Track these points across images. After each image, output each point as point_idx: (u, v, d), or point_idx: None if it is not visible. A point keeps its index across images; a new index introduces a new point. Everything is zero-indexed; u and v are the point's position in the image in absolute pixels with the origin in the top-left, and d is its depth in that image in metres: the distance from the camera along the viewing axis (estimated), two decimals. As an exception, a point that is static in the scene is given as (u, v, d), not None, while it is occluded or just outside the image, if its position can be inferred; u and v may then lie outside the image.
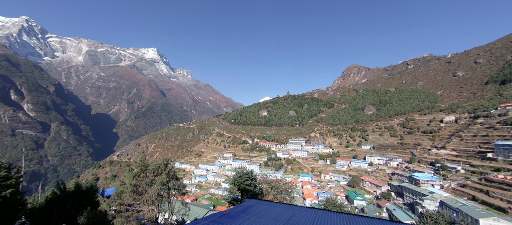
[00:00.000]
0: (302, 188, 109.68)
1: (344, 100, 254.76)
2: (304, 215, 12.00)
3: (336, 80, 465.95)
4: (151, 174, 21.18)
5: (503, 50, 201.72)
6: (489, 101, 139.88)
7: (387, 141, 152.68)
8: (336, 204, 27.14)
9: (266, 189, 33.64)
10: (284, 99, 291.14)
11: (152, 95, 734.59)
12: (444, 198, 69.14)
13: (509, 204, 62.39)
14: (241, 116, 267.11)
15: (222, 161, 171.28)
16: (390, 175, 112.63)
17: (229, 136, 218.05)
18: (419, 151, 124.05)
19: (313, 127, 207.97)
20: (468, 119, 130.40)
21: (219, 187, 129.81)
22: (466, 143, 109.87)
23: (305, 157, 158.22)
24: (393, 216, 68.28)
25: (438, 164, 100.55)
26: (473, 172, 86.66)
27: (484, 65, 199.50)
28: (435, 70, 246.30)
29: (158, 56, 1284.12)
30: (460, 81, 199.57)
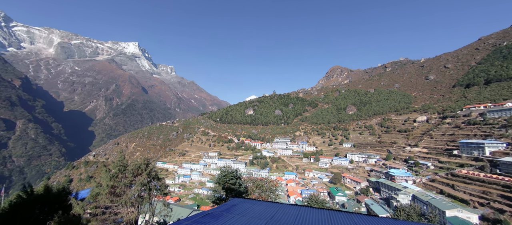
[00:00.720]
0: (287, 186, 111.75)
1: (327, 100, 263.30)
2: (287, 212, 12.22)
3: (320, 80, 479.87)
4: (131, 174, 20.23)
5: (468, 57, 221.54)
6: (455, 103, 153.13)
7: (367, 139, 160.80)
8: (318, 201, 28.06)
9: (251, 187, 33.76)
10: (270, 98, 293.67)
11: (133, 91, 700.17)
12: (416, 192, 74.56)
13: (471, 196, 68.98)
14: (227, 114, 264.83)
15: (207, 160, 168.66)
16: (369, 172, 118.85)
17: (214, 135, 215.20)
18: (395, 149, 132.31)
19: (298, 126, 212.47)
20: (437, 119, 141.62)
21: (203, 186, 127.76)
22: (435, 141, 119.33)
23: (290, 155, 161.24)
24: (371, 211, 72.21)
25: (411, 161, 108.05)
26: (441, 168, 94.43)
27: (452, 69, 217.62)
28: (410, 73, 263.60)
29: (139, 51, 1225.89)
30: (431, 84, 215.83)
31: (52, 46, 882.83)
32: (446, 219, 54.77)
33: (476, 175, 75.65)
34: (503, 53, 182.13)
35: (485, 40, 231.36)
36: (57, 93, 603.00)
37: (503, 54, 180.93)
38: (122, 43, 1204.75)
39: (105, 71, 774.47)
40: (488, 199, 64.26)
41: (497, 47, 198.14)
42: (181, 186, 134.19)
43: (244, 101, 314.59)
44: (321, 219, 11.18)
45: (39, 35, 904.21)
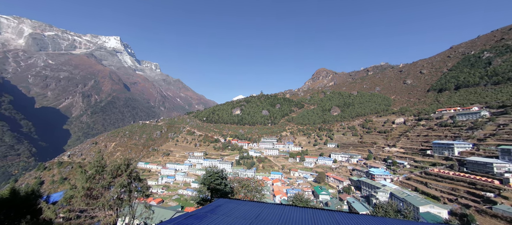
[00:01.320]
0: (273, 186, 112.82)
1: (313, 101, 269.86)
2: (272, 211, 12.33)
3: (307, 82, 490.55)
4: (109, 175, 19.21)
5: (441, 63, 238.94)
6: (429, 106, 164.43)
7: (349, 140, 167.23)
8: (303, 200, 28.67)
9: (237, 187, 33.60)
10: (258, 98, 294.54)
11: (114, 88, 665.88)
12: (394, 190, 78.95)
13: (441, 193, 74.47)
14: (214, 114, 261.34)
15: (192, 160, 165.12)
16: (351, 171, 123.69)
17: (200, 135, 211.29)
18: (375, 149, 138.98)
19: (285, 126, 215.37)
20: (413, 121, 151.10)
21: (188, 187, 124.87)
22: (411, 142, 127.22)
23: (276, 155, 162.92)
24: (352, 208, 75.20)
25: (389, 160, 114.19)
26: (416, 166, 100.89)
27: (426, 75, 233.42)
28: (389, 77, 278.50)
29: (121, 46, 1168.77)
30: (408, 88, 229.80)
31: (22, 37, 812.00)
32: (419, 215, 58.63)
33: (446, 173, 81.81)
34: (471, 61, 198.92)
35: (456, 49, 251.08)
36: (28, 88, 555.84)
37: (471, 62, 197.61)
38: (103, 37, 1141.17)
39: (83, 66, 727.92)
40: (456, 195, 69.79)
41: (466, 55, 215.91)
42: (165, 187, 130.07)
43: (231, 101, 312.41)
44: (305, 218, 11.42)
45: (7, 24, 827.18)
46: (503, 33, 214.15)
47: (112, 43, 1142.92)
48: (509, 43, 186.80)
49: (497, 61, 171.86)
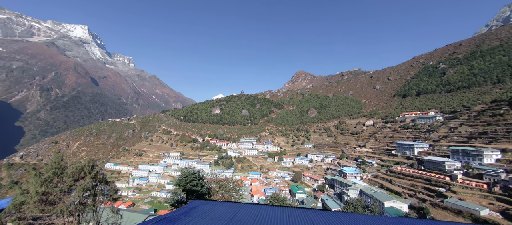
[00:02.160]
0: (251, 185, 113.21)
1: (292, 102, 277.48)
2: (248, 211, 12.32)
3: (286, 83, 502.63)
4: (70, 178, 17.37)
5: (405, 72, 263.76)
6: (395, 110, 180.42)
7: (325, 140, 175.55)
8: (280, 199, 29.25)
9: (214, 188, 32.98)
10: (238, 98, 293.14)
11: (79, 82, 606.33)
12: (363, 187, 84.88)
13: (403, 189, 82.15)
14: (192, 113, 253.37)
15: (167, 160, 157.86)
16: (326, 170, 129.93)
17: (177, 134, 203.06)
18: (348, 149, 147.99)
19: (264, 126, 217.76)
20: (381, 123, 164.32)
21: (162, 189, 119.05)
22: (379, 143, 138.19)
23: (255, 155, 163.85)
24: (326, 205, 79.00)
25: (360, 160, 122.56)
26: (382, 165, 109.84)
27: (393, 81, 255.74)
28: (361, 82, 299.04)
29: (89, 36, 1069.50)
30: (377, 93, 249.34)
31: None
32: (384, 209, 63.95)
33: (407, 171, 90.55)
34: (429, 71, 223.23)
35: (417, 59, 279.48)
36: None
37: (429, 71, 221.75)
38: (67, 25, 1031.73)
39: (41, 55, 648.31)
40: (415, 190, 77.65)
41: (425, 65, 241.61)
42: (136, 190, 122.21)
43: (211, 100, 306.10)
44: (280, 217, 11.64)
45: None
46: (455, 47, 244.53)
47: (78, 32, 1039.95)
48: (459, 56, 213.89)
49: (450, 71, 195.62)
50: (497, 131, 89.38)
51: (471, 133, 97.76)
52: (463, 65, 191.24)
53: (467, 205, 58.05)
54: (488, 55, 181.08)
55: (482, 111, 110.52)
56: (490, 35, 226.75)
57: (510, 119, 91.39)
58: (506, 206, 54.74)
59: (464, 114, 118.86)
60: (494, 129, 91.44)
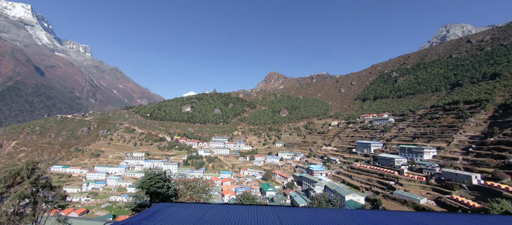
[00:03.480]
0: (222, 185, 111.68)
1: (265, 102, 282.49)
2: (216, 212, 12.09)
3: (260, 83, 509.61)
4: (2, 184, 14.62)
5: (365, 78, 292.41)
6: (356, 112, 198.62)
7: (295, 139, 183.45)
8: (250, 197, 29.49)
9: (182, 189, 31.53)
10: (210, 96, 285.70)
11: (18, 71, 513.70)
12: (327, 183, 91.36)
13: (361, 183, 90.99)
14: (160, 110, 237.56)
15: (130, 161, 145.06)
16: (295, 168, 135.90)
17: (142, 133, 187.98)
18: (315, 148, 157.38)
19: (237, 125, 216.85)
20: (344, 124, 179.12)
21: (123, 192, 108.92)
22: (342, 142, 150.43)
23: (227, 154, 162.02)
24: (294, 202, 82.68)
25: (325, 158, 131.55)
26: (344, 162, 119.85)
27: (355, 86, 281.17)
28: (328, 86, 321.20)
29: (33, 17, 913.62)
30: (342, 96, 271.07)
31: None
32: (345, 203, 69.96)
33: (364, 167, 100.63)
34: (384, 78, 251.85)
35: (375, 67, 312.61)
36: None
37: (384, 79, 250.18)
38: (3, 1, 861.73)
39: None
40: (371, 184, 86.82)
41: (382, 73, 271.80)
42: (92, 195, 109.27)
43: (181, 97, 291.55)
44: (248, 215, 11.71)
45: None
46: (405, 59, 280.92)
47: (19, 11, 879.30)
48: (408, 67, 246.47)
49: (400, 80, 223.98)
50: (434, 131, 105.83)
51: (415, 133, 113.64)
52: (410, 75, 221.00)
53: (410, 195, 67.33)
54: (429, 67, 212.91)
55: (423, 115, 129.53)
56: (431, 50, 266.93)
57: (444, 122, 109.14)
58: (439, 195, 65.23)
59: (410, 117, 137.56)
60: (431, 130, 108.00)
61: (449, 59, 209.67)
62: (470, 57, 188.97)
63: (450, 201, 59.01)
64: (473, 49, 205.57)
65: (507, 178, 59.23)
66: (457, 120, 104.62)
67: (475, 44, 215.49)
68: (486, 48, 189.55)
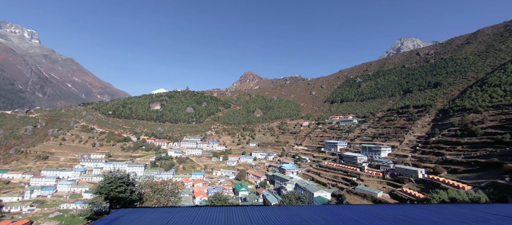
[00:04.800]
0: (193, 187, 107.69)
1: (239, 102, 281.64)
2: (184, 215, 11.57)
3: (235, 83, 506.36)
4: None
5: (334, 82, 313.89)
6: (325, 114, 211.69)
7: (268, 139, 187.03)
8: (221, 198, 29.01)
9: (148, 193, 29.42)
10: (183, 94, 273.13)
11: None
12: (298, 181, 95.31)
13: (328, 180, 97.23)
14: (125, 107, 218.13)
15: (87, 164, 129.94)
16: (268, 167, 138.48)
17: (102, 132, 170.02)
18: (287, 147, 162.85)
19: (210, 125, 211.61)
20: (314, 124, 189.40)
21: (77, 199, 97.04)
22: (312, 141, 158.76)
23: (199, 155, 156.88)
24: (266, 200, 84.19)
25: (297, 156, 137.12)
26: (314, 161, 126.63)
27: (325, 89, 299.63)
28: (301, 88, 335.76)
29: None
30: (313, 98, 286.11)
31: None
32: (313, 199, 73.94)
33: (331, 165, 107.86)
34: (350, 83, 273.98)
35: (343, 72, 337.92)
36: None
37: (350, 84, 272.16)
38: None
39: None
40: (336, 181, 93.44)
41: (347, 78, 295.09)
42: (37, 203, 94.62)
43: (150, 94, 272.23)
44: (219, 216, 11.48)
45: None
46: (367, 66, 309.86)
47: None
48: (369, 73, 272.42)
49: (363, 85, 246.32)
50: (390, 132, 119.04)
51: (374, 133, 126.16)
52: (371, 81, 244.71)
53: (369, 190, 74.48)
54: (386, 75, 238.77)
55: (381, 117, 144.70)
56: (388, 60, 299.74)
57: (397, 124, 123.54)
58: (392, 188, 73.57)
59: (371, 119, 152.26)
60: (388, 131, 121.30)
61: (402, 69, 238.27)
62: (419, 68, 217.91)
63: (401, 194, 67.03)
64: (421, 61, 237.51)
65: (444, 172, 69.87)
66: (408, 122, 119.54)
67: (423, 56, 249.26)
68: (431, 61, 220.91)
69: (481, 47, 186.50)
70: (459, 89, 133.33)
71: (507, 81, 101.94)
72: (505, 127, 74.28)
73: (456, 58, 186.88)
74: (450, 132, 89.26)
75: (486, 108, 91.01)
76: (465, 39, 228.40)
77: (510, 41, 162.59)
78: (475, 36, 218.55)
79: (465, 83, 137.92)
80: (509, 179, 53.20)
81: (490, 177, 57.52)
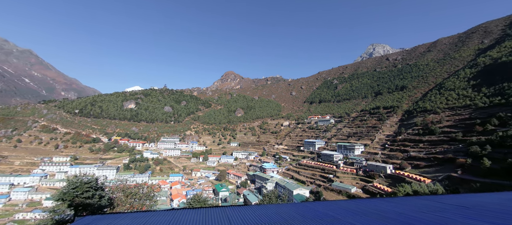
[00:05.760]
0: (171, 189, 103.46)
1: (220, 101, 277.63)
2: (160, 219, 11.02)
3: (216, 82, 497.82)
4: None
5: (313, 83, 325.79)
6: (304, 114, 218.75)
7: (249, 139, 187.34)
8: (200, 200, 28.28)
9: (120, 198, 27.51)
10: (160, 92, 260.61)
11: None
12: (278, 180, 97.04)
13: (307, 178, 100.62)
14: (94, 106, 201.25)
15: (49, 168, 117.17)
16: (249, 167, 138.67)
17: (67, 132, 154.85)
18: (268, 147, 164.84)
19: (190, 125, 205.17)
20: (294, 124, 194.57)
21: (36, 207, 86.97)
22: (292, 140, 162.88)
23: (178, 156, 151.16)
24: (247, 200, 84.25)
25: (277, 156, 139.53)
26: (294, 159, 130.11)
27: (305, 90, 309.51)
28: (282, 88, 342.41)
29: None
30: (293, 98, 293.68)
31: None
32: (293, 197, 75.94)
33: (310, 163, 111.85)
34: (328, 84, 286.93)
35: (321, 74, 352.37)
36: None
37: (327, 85, 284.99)
38: None
39: None
40: (314, 178, 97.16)
41: (325, 80, 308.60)
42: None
43: (123, 92, 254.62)
44: (197, 219, 11.15)
45: None
46: (343, 69, 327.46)
47: None
48: (345, 76, 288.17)
49: (339, 86, 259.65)
50: (363, 131, 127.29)
51: (349, 132, 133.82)
52: (347, 83, 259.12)
53: (344, 186, 78.84)
54: (360, 78, 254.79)
55: (355, 117, 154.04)
56: (362, 64, 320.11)
57: (369, 123, 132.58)
58: (364, 183, 78.79)
59: (346, 119, 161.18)
60: (361, 130, 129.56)
61: (374, 72, 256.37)
62: (388, 72, 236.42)
63: (372, 188, 72.10)
64: (390, 66, 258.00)
65: (409, 167, 76.85)
66: (378, 122, 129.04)
67: (391, 61, 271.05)
68: (398, 66, 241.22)
69: (439, 55, 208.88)
70: (422, 92, 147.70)
71: (460, 86, 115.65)
72: (458, 126, 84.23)
73: (419, 64, 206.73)
74: (414, 131, 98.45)
75: (443, 110, 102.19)
76: (427, 47, 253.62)
77: (462, 51, 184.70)
78: (435, 45, 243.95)
79: (426, 87, 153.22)
80: (461, 172, 60.44)
81: (445, 171, 64.71)
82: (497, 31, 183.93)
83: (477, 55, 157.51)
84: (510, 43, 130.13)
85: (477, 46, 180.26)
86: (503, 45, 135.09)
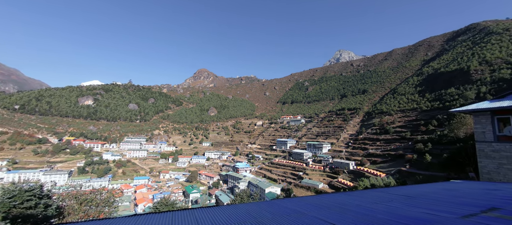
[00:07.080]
0: (135, 193, 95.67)
1: (192, 100, 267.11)
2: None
3: (188, 79, 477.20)
4: None
5: (286, 84, 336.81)
6: (277, 114, 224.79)
7: (222, 138, 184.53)
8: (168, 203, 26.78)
9: (72, 206, 24.35)
10: (124, 88, 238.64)
11: None
12: (251, 179, 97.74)
13: (278, 176, 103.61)
14: (41, 101, 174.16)
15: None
16: (221, 167, 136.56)
17: (3, 132, 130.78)
18: (241, 146, 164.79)
19: (158, 124, 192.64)
20: (268, 124, 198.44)
21: (-42, 223, 71.02)
22: (265, 140, 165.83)
23: (144, 157, 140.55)
24: (219, 201, 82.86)
25: (250, 155, 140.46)
26: (266, 158, 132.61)
27: (278, 90, 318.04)
28: (256, 88, 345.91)
29: None
30: (267, 98, 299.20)
31: None
32: (265, 195, 77.42)
33: (282, 162, 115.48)
34: (299, 86, 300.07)
35: (293, 75, 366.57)
36: None
37: (299, 86, 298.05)
38: None
39: None
40: (285, 176, 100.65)
41: (297, 81, 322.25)
42: None
43: (78, 86, 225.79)
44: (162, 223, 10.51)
45: None
46: (314, 72, 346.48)
47: None
48: (315, 78, 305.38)
49: (310, 88, 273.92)
50: (330, 131, 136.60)
51: (318, 132, 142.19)
52: (317, 85, 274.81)
53: (313, 182, 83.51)
54: (328, 81, 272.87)
55: (324, 117, 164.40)
56: (330, 68, 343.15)
57: (336, 123, 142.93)
58: (331, 179, 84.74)
59: (315, 119, 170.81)
60: (328, 130, 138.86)
61: (340, 76, 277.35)
62: (352, 76, 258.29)
63: (337, 184, 77.90)
64: (354, 71, 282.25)
65: (368, 163, 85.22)
66: (343, 122, 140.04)
67: (355, 67, 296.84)
68: (361, 71, 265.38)
69: (394, 64, 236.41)
70: (379, 95, 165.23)
71: (409, 91, 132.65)
72: (407, 126, 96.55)
73: (378, 70, 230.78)
74: (372, 131, 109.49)
75: (396, 112, 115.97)
76: (384, 56, 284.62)
77: (411, 61, 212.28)
78: (391, 54, 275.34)
79: (383, 91, 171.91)
80: (409, 166, 69.43)
81: (397, 165, 73.59)
82: (437, 46, 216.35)
83: (422, 65, 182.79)
84: (447, 56, 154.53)
85: (422, 57, 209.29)
86: (442, 57, 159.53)
